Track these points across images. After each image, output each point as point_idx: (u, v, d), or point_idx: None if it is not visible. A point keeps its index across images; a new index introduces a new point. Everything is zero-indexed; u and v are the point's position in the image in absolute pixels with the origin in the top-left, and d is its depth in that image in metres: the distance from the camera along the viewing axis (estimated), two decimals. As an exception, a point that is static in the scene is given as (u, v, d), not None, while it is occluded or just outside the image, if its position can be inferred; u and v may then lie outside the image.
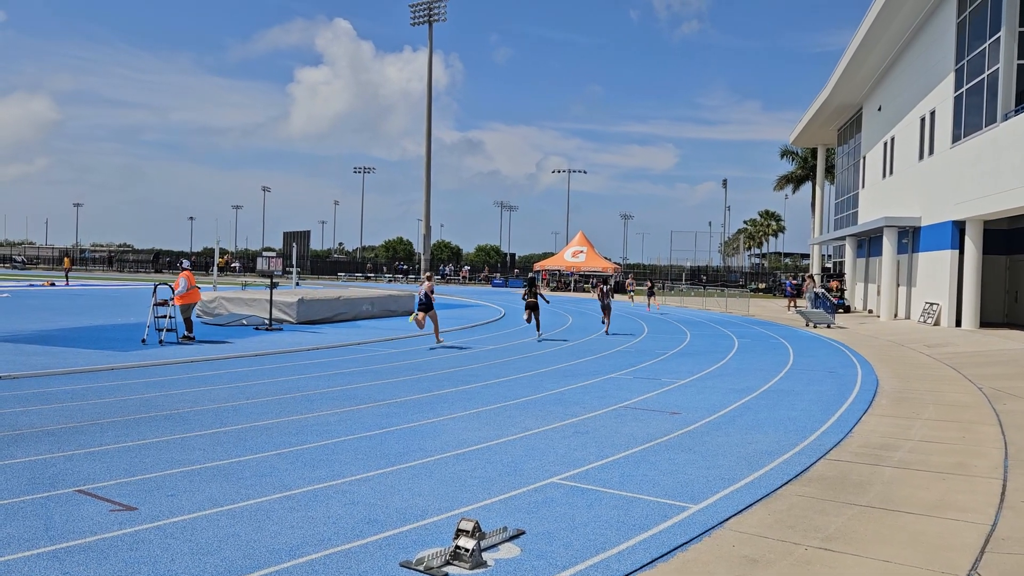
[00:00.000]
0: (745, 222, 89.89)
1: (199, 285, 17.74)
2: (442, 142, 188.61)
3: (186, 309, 16.70)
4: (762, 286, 62.14)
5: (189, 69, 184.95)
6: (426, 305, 17.00)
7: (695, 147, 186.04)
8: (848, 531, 5.35)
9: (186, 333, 16.44)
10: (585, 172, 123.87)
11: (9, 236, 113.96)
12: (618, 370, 13.91)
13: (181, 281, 16.74)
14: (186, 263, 18.75)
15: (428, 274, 19.86)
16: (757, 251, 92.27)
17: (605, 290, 22.11)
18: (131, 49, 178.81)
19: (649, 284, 36.60)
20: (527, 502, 5.91)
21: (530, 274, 47.83)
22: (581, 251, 58.55)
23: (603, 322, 22.00)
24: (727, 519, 5.59)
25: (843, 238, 39.41)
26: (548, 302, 22.94)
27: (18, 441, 7.40)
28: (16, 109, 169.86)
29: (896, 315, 29.59)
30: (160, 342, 15.75)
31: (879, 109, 34.75)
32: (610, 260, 65.57)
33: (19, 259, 76.10)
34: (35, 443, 7.34)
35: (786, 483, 6.57)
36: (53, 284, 40.09)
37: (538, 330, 19.61)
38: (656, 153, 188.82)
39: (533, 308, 19.33)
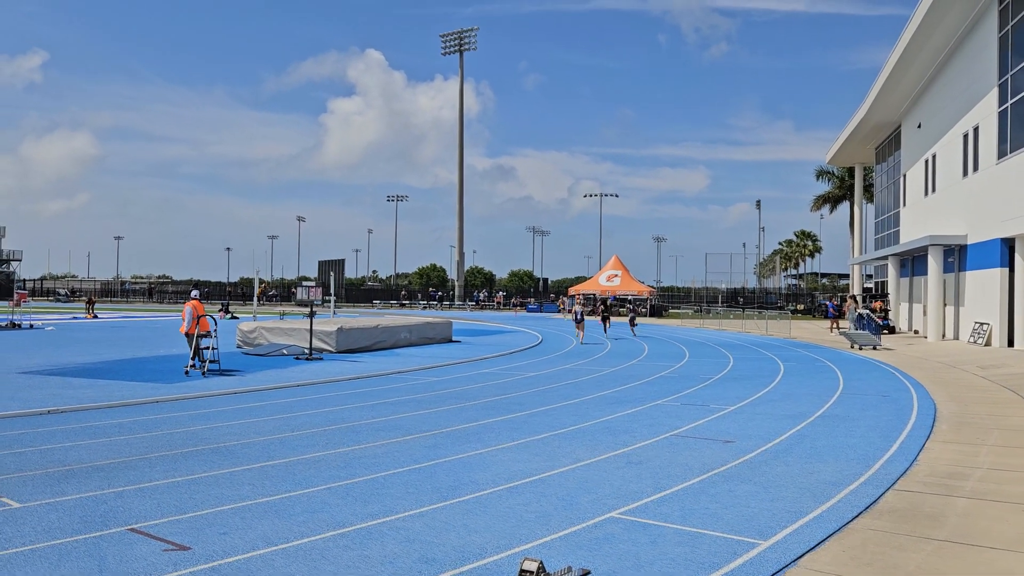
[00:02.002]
0: (781, 243, 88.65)
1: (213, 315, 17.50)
2: (474, 169, 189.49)
3: (194, 338, 16.41)
4: (800, 307, 61.15)
5: (225, 103, 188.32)
6: (580, 320, 27.59)
7: (727, 169, 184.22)
8: (930, 568, 5.06)
9: (205, 361, 16.21)
10: (617, 196, 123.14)
11: (53, 270, 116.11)
12: (664, 396, 13.63)
13: (194, 309, 16.39)
14: (194, 292, 18.42)
15: (579, 299, 34.36)
16: (793, 272, 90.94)
17: (635, 307, 35.17)
18: (169, 84, 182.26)
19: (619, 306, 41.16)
20: (587, 538, 5.70)
21: (607, 299, 54.30)
22: (616, 275, 58.19)
23: (633, 333, 32.44)
24: (800, 556, 5.33)
25: (885, 258, 38.65)
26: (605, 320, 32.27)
27: (68, 477, 7.38)
28: (59, 146, 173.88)
29: (944, 336, 28.83)
30: (203, 373, 15.81)
31: (919, 126, 34.17)
32: (644, 283, 65.09)
33: (62, 292, 77.64)
34: (85, 479, 7.30)
35: (857, 516, 6.28)
36: (96, 316, 40.84)
37: (606, 331, 31.03)
38: (688, 175, 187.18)
39: (606, 319, 31.81)
